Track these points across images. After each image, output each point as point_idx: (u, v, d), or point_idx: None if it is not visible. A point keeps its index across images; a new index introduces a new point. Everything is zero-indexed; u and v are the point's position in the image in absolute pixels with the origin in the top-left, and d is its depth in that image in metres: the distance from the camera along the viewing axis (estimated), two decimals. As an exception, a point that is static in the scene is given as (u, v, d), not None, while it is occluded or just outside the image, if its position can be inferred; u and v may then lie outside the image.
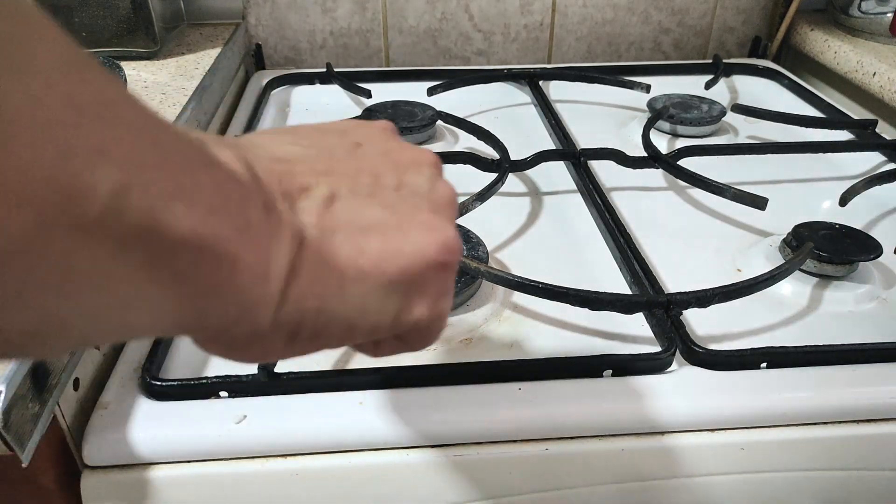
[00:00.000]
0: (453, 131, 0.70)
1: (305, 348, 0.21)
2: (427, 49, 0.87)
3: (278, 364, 0.38)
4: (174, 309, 0.16)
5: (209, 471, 0.35)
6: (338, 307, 0.20)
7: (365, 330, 0.21)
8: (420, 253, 0.22)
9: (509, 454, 0.36)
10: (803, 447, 0.38)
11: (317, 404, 0.36)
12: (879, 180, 0.57)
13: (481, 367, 0.38)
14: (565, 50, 0.89)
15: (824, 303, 0.45)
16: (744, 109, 0.68)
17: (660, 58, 0.91)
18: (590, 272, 0.48)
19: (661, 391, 0.37)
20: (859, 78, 0.76)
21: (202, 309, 0.17)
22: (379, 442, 0.36)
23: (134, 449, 0.34)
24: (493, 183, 0.53)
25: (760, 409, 0.37)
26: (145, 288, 0.15)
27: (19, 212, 0.12)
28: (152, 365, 0.37)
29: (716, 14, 0.89)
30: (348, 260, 0.20)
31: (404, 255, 0.21)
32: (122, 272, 0.14)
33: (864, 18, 0.80)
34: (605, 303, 0.40)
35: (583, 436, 0.37)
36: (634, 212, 0.55)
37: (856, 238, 0.48)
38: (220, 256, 0.16)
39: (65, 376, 0.33)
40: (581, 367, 0.38)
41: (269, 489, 0.36)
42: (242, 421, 0.35)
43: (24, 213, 0.12)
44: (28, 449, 0.29)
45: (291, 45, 0.85)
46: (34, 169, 0.12)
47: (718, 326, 0.43)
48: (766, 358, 0.39)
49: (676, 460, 0.37)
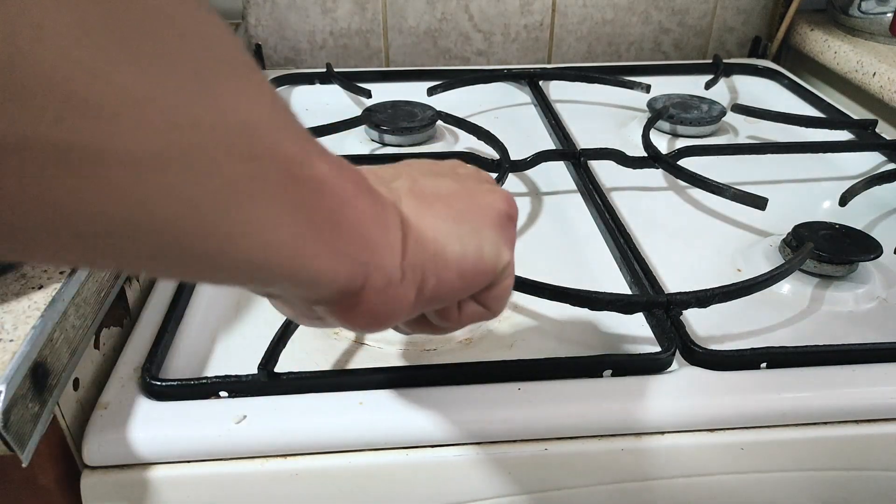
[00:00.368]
0: (453, 131, 0.70)
1: (430, 300, 0.25)
2: (427, 49, 0.87)
3: (279, 364, 0.38)
4: (317, 253, 0.20)
5: (209, 471, 0.35)
6: (450, 251, 0.25)
7: (473, 274, 0.26)
8: (495, 206, 0.27)
9: (509, 454, 0.36)
10: (803, 447, 0.38)
11: (317, 404, 0.36)
12: (879, 180, 0.57)
13: (481, 367, 0.38)
14: (565, 50, 0.89)
15: (824, 303, 0.45)
16: (744, 109, 0.68)
17: (660, 58, 0.91)
18: (590, 272, 0.48)
19: (661, 391, 0.37)
20: (859, 78, 0.76)
21: (346, 257, 0.21)
22: (379, 442, 0.36)
23: (134, 449, 0.34)
24: (493, 183, 0.53)
25: (760, 409, 0.37)
26: (287, 228, 0.19)
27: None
28: (152, 365, 0.37)
29: (716, 14, 0.89)
30: (444, 215, 0.25)
31: (485, 209, 0.27)
32: (267, 214, 0.18)
33: (864, 18, 0.80)
34: (605, 303, 0.40)
35: (582, 436, 0.37)
36: (634, 212, 0.55)
37: (856, 238, 0.48)
38: (356, 210, 0.21)
39: (65, 376, 0.33)
40: (581, 368, 0.38)
41: (269, 489, 0.36)
42: (242, 421, 0.35)
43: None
44: (28, 449, 0.29)
45: (291, 45, 0.85)
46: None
47: (718, 326, 0.43)
48: (765, 358, 0.39)
49: (676, 460, 0.37)
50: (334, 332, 0.42)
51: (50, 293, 0.33)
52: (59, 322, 0.32)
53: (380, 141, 0.67)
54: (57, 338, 0.32)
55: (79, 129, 0.13)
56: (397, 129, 0.65)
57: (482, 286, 0.27)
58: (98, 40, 0.13)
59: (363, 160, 0.61)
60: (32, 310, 0.31)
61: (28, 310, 0.31)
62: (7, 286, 0.33)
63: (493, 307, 0.28)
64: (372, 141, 0.67)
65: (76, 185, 0.14)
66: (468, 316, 0.28)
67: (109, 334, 0.41)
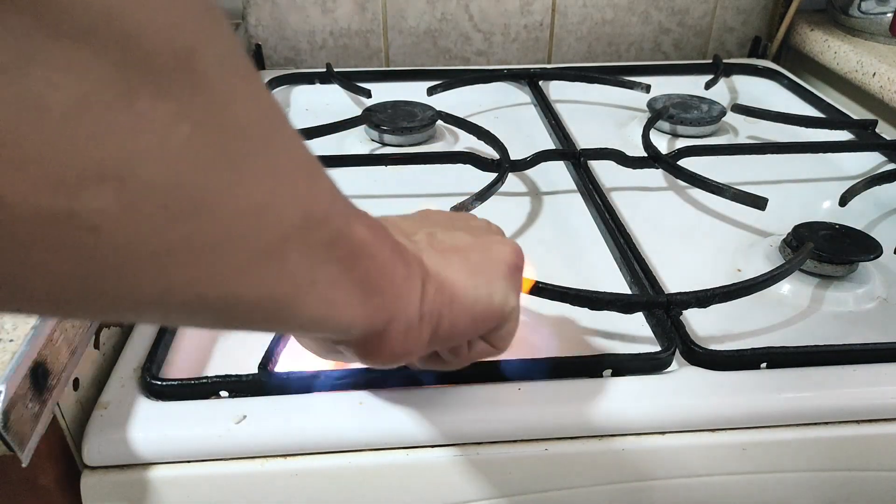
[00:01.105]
0: (453, 131, 0.70)
1: (444, 340, 0.28)
2: (427, 49, 0.87)
3: (279, 364, 0.38)
4: (353, 303, 0.22)
5: (209, 471, 0.35)
6: (465, 298, 0.28)
7: (483, 318, 0.29)
8: (505, 259, 0.31)
9: (509, 454, 0.36)
10: (803, 447, 0.38)
11: (317, 404, 0.36)
12: (879, 180, 0.57)
13: (481, 367, 0.38)
14: (565, 50, 0.89)
15: (824, 303, 0.45)
16: (744, 109, 0.68)
17: (660, 58, 0.91)
18: (590, 272, 0.48)
19: (661, 391, 0.37)
20: (859, 78, 0.76)
21: (375, 305, 0.23)
22: (379, 442, 0.36)
23: (134, 449, 0.34)
24: (492, 183, 0.53)
25: (760, 409, 0.37)
26: (338, 285, 0.21)
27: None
28: (152, 365, 0.37)
29: (716, 14, 0.89)
30: (460, 267, 0.28)
31: (496, 261, 0.30)
32: (325, 275, 0.21)
33: (863, 18, 0.80)
34: (605, 303, 0.40)
35: (583, 436, 0.37)
36: (634, 212, 0.55)
37: (856, 238, 0.48)
38: (385, 264, 0.24)
39: (64, 376, 0.33)
40: (581, 367, 0.38)
41: (269, 489, 0.36)
42: (242, 421, 0.35)
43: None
44: (28, 449, 0.29)
45: (291, 45, 0.85)
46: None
47: (718, 326, 0.43)
48: (766, 358, 0.39)
49: (676, 460, 0.37)
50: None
51: (50, 293, 0.32)
52: (59, 322, 0.32)
53: (380, 141, 0.67)
54: (57, 338, 0.32)
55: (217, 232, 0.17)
56: (397, 128, 0.65)
57: (491, 328, 0.30)
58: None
59: (363, 160, 0.61)
60: (32, 310, 0.31)
61: (28, 310, 0.31)
62: (7, 286, 0.33)
63: (500, 345, 0.32)
64: (372, 141, 0.67)
65: (205, 274, 0.17)
66: (476, 353, 0.32)
67: (109, 334, 0.41)
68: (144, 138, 0.14)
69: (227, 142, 0.16)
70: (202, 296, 0.17)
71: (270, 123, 0.18)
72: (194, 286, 0.17)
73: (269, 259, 0.18)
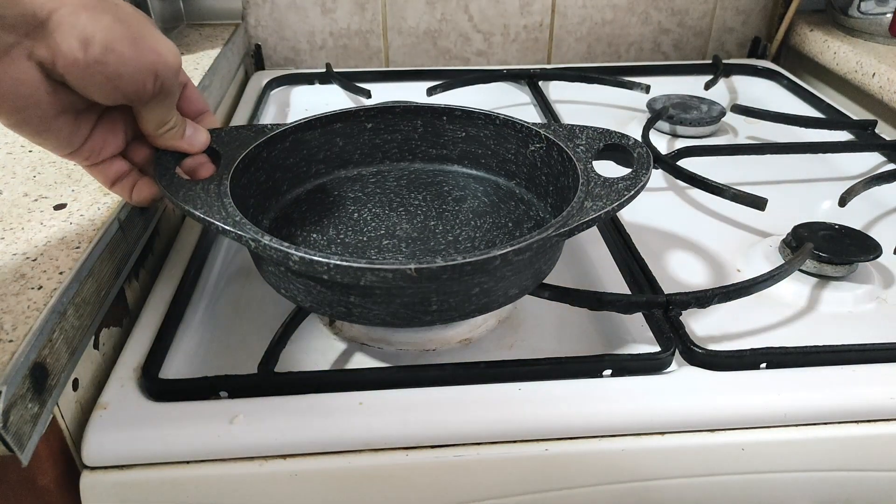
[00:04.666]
0: (453, 131, 0.70)
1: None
2: (427, 50, 0.87)
3: (279, 364, 0.38)
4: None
5: (209, 471, 0.35)
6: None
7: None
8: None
9: (509, 454, 0.36)
10: (803, 447, 0.38)
11: (317, 404, 0.36)
12: (879, 181, 0.57)
13: (481, 367, 0.38)
14: (565, 50, 0.89)
15: (824, 303, 0.45)
16: (743, 110, 0.68)
17: (659, 58, 0.91)
18: (590, 272, 0.48)
19: (661, 391, 0.37)
20: (859, 78, 0.76)
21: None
22: (379, 442, 0.35)
23: (133, 449, 0.34)
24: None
25: (760, 409, 0.37)
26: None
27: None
28: (152, 365, 0.37)
29: (715, 14, 0.89)
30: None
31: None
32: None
33: (863, 19, 0.80)
34: (605, 303, 0.40)
35: (582, 436, 0.37)
36: (634, 212, 0.55)
37: (855, 238, 0.48)
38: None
39: (64, 376, 0.33)
40: (580, 368, 0.38)
41: (269, 489, 0.36)
42: (242, 421, 0.35)
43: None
44: (27, 449, 0.29)
45: (291, 45, 0.85)
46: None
47: (718, 327, 0.43)
48: (765, 358, 0.39)
49: (676, 460, 0.37)
50: (334, 331, 0.42)
51: (49, 293, 0.33)
52: (59, 322, 0.32)
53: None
54: (56, 338, 0.32)
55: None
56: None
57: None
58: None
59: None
60: (32, 310, 0.31)
61: (27, 310, 0.31)
62: (7, 286, 0.33)
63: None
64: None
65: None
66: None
67: (109, 334, 0.41)
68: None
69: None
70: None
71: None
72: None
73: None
